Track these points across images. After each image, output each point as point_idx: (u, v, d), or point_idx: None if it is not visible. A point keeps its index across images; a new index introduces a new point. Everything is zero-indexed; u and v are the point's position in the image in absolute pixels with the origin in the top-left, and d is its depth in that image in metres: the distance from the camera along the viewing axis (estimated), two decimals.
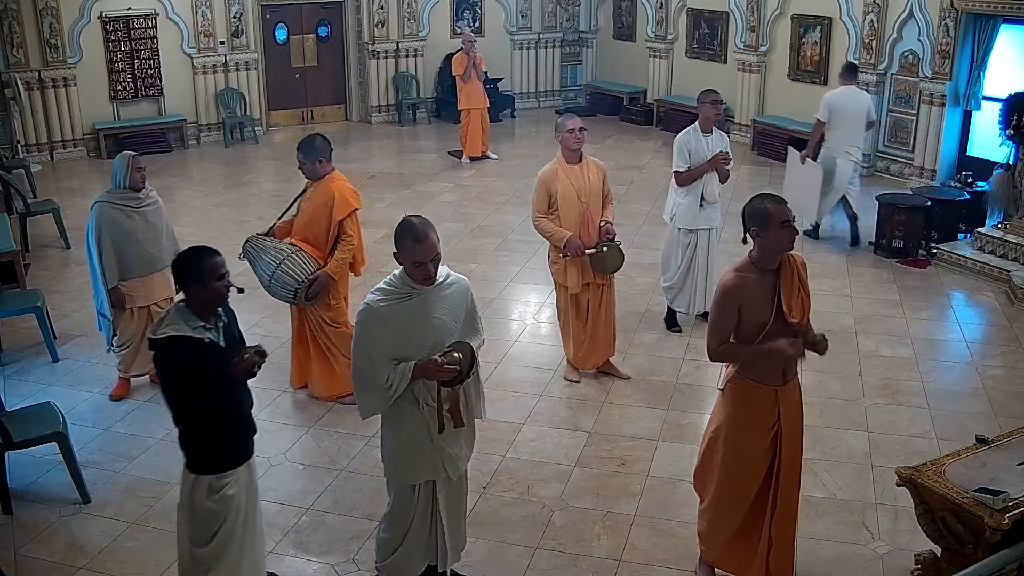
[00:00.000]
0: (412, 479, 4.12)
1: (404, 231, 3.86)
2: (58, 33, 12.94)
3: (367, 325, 3.90)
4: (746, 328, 4.10)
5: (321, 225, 6.03)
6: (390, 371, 3.87)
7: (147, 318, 6.33)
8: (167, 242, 6.40)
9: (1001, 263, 8.60)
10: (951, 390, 6.61)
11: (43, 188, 11.64)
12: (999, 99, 9.60)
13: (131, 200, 6.23)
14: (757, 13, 13.52)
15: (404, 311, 3.89)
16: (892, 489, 4.76)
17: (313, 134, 6.22)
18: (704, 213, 7.19)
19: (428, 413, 4.00)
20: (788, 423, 4.25)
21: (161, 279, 6.36)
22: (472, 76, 12.73)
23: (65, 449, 5.28)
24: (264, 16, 14.73)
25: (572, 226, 6.25)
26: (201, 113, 14.26)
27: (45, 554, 4.89)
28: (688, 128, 7.22)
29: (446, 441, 4.05)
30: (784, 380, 4.21)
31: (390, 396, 3.91)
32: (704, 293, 7.37)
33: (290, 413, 6.31)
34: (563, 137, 6.22)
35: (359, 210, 6.18)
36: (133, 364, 6.47)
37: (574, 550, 4.89)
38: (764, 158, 13.21)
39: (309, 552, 4.91)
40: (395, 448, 4.09)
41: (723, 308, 4.10)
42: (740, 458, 4.30)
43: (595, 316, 6.53)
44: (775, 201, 4.05)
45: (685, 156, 7.08)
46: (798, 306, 4.09)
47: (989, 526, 3.79)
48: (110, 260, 6.18)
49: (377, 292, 3.94)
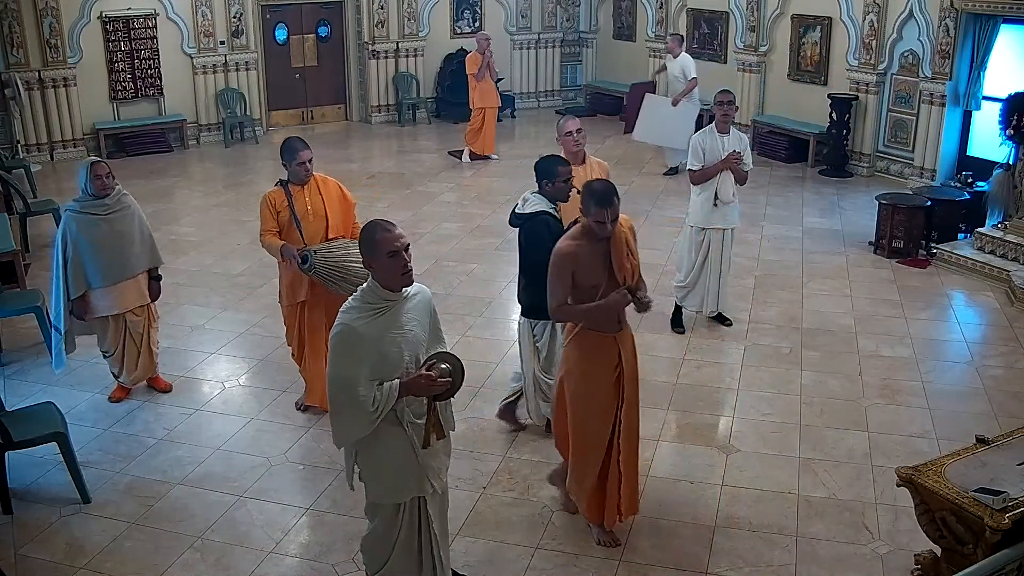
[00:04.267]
0: (400, 498, 3.98)
1: (370, 230, 3.77)
2: (58, 33, 12.94)
3: (346, 345, 3.69)
4: (582, 290, 4.52)
5: (347, 216, 6.03)
6: (375, 393, 3.69)
7: (124, 326, 6.28)
8: (140, 247, 6.27)
9: (1001, 263, 8.60)
10: (951, 390, 6.61)
11: (43, 188, 11.64)
12: (999, 99, 9.60)
13: (97, 207, 6.09)
14: (757, 13, 13.52)
15: (380, 326, 3.73)
16: (892, 489, 4.77)
17: (288, 137, 6.14)
18: (718, 212, 7.21)
19: (412, 430, 3.88)
20: (627, 363, 4.73)
21: (133, 286, 6.27)
22: (485, 75, 12.75)
23: (65, 449, 5.28)
24: (264, 16, 14.73)
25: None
26: (201, 113, 14.26)
27: (45, 554, 4.89)
28: (705, 128, 7.28)
29: (430, 455, 3.96)
30: (620, 327, 4.71)
31: (375, 419, 3.71)
32: (717, 293, 7.38)
33: (290, 413, 6.31)
34: (562, 140, 6.24)
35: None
36: (123, 369, 6.40)
37: (574, 550, 4.89)
38: (764, 158, 13.20)
39: (309, 552, 4.91)
40: (377, 470, 3.93)
41: (558, 272, 4.49)
42: (591, 407, 4.70)
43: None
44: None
45: (699, 155, 7.12)
46: (627, 269, 4.57)
47: (989, 526, 3.79)
48: (76, 270, 6.06)
49: (350, 310, 3.76)
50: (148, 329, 6.42)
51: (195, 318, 7.87)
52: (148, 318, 6.42)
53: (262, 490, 5.44)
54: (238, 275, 8.88)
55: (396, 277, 3.76)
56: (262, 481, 5.53)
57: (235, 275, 8.89)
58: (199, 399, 6.53)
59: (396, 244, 3.72)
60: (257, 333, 7.60)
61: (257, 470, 5.64)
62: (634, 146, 14.03)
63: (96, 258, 6.09)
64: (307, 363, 6.16)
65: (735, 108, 7.24)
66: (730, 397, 6.51)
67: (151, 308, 6.47)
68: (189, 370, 6.95)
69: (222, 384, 6.76)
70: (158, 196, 11.55)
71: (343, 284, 5.79)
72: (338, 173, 12.32)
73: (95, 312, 6.22)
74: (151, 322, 6.46)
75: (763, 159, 13.20)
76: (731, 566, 4.76)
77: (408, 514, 4.03)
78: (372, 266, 3.78)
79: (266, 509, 5.26)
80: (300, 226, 5.82)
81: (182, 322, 7.77)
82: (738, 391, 6.58)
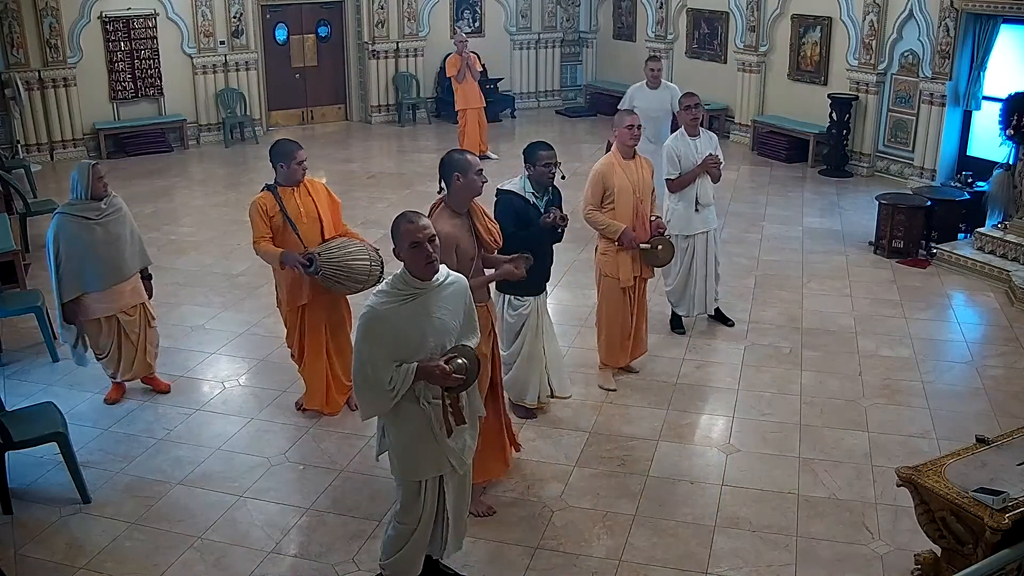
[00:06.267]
0: (418, 476, 4.15)
1: (397, 221, 3.96)
2: (58, 33, 12.95)
3: (370, 327, 3.90)
4: (462, 264, 4.75)
5: (337, 216, 6.05)
6: (393, 372, 3.88)
7: (118, 325, 6.26)
8: (132, 249, 6.25)
9: (1001, 263, 8.60)
10: (951, 390, 6.61)
11: (43, 188, 11.64)
12: (999, 99, 9.60)
13: (91, 211, 6.04)
14: (757, 13, 13.52)
15: (405, 311, 3.91)
16: (892, 489, 4.77)
17: (278, 140, 6.12)
18: (700, 216, 7.19)
19: (430, 410, 4.03)
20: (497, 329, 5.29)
21: (127, 287, 6.25)
22: (467, 76, 12.67)
23: (65, 449, 5.28)
24: (264, 16, 14.73)
25: (627, 219, 6.28)
26: (201, 113, 14.26)
27: (45, 554, 4.89)
28: (675, 134, 7.22)
29: (455, 437, 4.11)
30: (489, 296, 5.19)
31: (392, 397, 3.92)
32: (705, 296, 7.37)
33: (290, 413, 6.30)
34: (619, 132, 6.30)
35: None
36: (120, 368, 6.39)
37: (574, 550, 4.89)
38: (764, 158, 13.22)
39: (309, 552, 4.91)
40: (399, 446, 4.12)
41: (447, 253, 4.61)
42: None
43: (639, 310, 6.58)
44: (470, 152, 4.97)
45: (675, 162, 7.07)
46: (493, 236, 4.97)
47: (989, 526, 3.79)
48: (68, 274, 6.02)
49: (379, 294, 3.95)
50: (145, 328, 6.41)
51: (195, 318, 7.87)
52: (144, 316, 6.41)
53: (262, 490, 5.44)
54: (238, 275, 8.88)
55: (420, 267, 3.92)
56: (262, 481, 5.53)
57: (235, 275, 8.89)
58: (199, 399, 6.53)
59: (419, 236, 3.88)
60: (257, 333, 7.60)
61: (257, 470, 5.64)
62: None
63: (92, 262, 6.04)
64: (307, 363, 6.13)
65: (702, 110, 7.20)
66: (730, 397, 6.50)
67: (146, 307, 6.46)
68: (189, 370, 6.95)
69: (222, 384, 6.76)
70: (158, 196, 11.56)
71: (347, 283, 5.80)
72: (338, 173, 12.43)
73: (90, 314, 6.18)
74: (148, 321, 6.45)
75: (763, 159, 13.21)
76: (731, 566, 4.76)
77: (430, 492, 4.18)
78: (400, 256, 3.95)
79: (266, 509, 5.26)
80: (296, 229, 5.79)
81: (182, 322, 7.77)
82: (738, 391, 6.58)
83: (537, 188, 5.69)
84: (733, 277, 7.74)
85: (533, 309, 5.83)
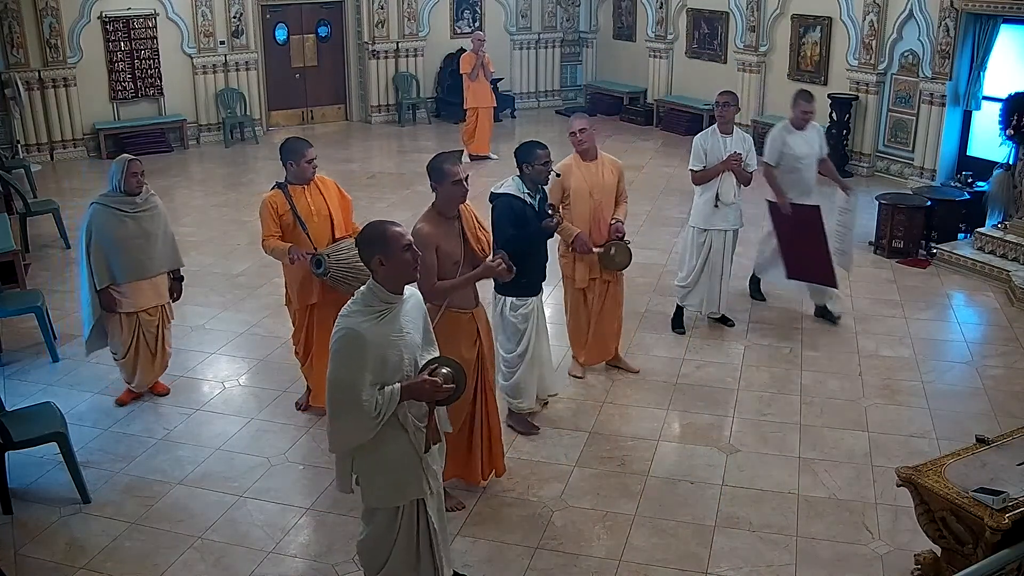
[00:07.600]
0: (399, 500, 3.95)
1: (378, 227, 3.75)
2: (58, 33, 12.95)
3: (349, 349, 3.62)
4: (445, 267, 4.81)
5: (347, 214, 6.04)
6: (376, 397, 3.63)
7: (138, 325, 6.26)
8: (163, 248, 6.29)
9: (1001, 263, 8.60)
10: (951, 390, 6.61)
11: (43, 188, 11.64)
12: (999, 99, 9.60)
13: (126, 204, 6.12)
14: (757, 13, 13.52)
15: (382, 329, 3.68)
16: (892, 489, 4.76)
17: (288, 137, 6.12)
18: (719, 213, 7.19)
19: (414, 432, 3.86)
20: (484, 337, 5.14)
21: (150, 287, 6.27)
22: (480, 75, 12.75)
23: (65, 449, 5.28)
24: (264, 16, 14.73)
25: (583, 222, 6.28)
26: (201, 113, 14.26)
27: (45, 554, 4.89)
28: (707, 129, 7.27)
29: (430, 457, 3.97)
30: (476, 303, 5.09)
31: (376, 424, 3.66)
32: (719, 294, 7.37)
33: (290, 413, 6.31)
34: (569, 139, 6.30)
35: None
36: (136, 373, 6.37)
37: (574, 550, 4.89)
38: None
39: (309, 552, 4.91)
40: (377, 474, 3.90)
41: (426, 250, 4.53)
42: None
43: (600, 311, 6.56)
44: (452, 161, 4.89)
45: (701, 156, 7.12)
46: (482, 240, 5.02)
47: (989, 526, 3.79)
48: (98, 263, 6.07)
49: (353, 314, 3.68)
50: (162, 329, 6.41)
51: (195, 318, 7.87)
52: (162, 317, 6.42)
53: (262, 490, 5.44)
54: (238, 275, 8.88)
55: (409, 273, 3.74)
56: (262, 481, 5.53)
57: (235, 275, 8.89)
58: (199, 399, 6.53)
59: (407, 239, 3.73)
60: (257, 333, 7.60)
61: (257, 470, 5.64)
62: (634, 146, 14.05)
63: (117, 254, 6.10)
64: (313, 362, 6.08)
65: (734, 109, 7.16)
66: (730, 397, 6.50)
67: (166, 308, 6.46)
68: (189, 370, 6.95)
69: (222, 384, 6.76)
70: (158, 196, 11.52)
71: (356, 284, 5.75)
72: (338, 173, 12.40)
73: (119, 307, 6.20)
74: (165, 322, 6.46)
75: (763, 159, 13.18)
76: (731, 566, 4.76)
77: (407, 516, 4.01)
78: (381, 264, 3.69)
79: (266, 509, 5.26)
80: (305, 228, 5.77)
81: (182, 322, 7.74)
82: (738, 391, 6.58)
83: (531, 187, 5.70)
84: (734, 277, 7.74)
85: (534, 309, 5.84)
